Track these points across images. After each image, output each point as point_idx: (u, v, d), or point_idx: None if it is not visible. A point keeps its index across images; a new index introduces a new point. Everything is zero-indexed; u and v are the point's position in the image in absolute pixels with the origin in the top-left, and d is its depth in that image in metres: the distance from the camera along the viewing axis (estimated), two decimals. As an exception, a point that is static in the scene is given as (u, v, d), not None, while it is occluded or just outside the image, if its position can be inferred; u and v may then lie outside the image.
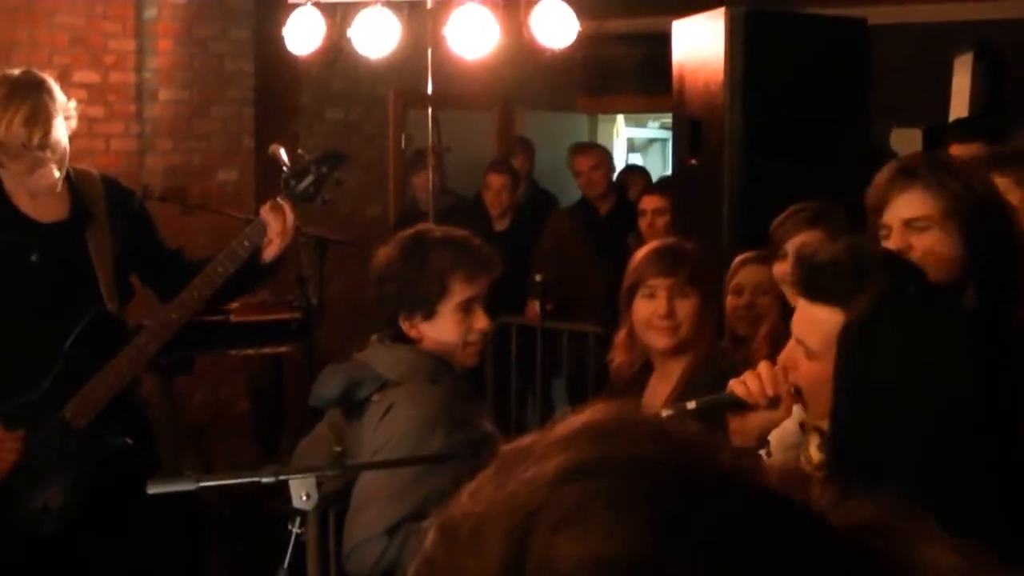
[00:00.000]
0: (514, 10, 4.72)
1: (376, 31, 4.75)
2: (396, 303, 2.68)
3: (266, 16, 6.03)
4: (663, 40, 5.06)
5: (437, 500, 2.34)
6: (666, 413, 2.21)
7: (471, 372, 2.85)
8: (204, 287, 3.11)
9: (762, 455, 2.08)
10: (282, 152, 3.24)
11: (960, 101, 6.20)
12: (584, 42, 5.00)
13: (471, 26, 4.63)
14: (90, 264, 3.11)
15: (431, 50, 4.89)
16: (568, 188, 7.01)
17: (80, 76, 5.75)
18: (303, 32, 4.90)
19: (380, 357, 2.68)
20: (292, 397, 5.44)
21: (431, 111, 5.22)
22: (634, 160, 10.46)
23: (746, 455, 0.67)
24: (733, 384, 2.15)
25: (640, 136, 11.32)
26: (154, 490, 2.26)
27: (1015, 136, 4.26)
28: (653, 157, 11.24)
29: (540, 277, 5.82)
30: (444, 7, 4.74)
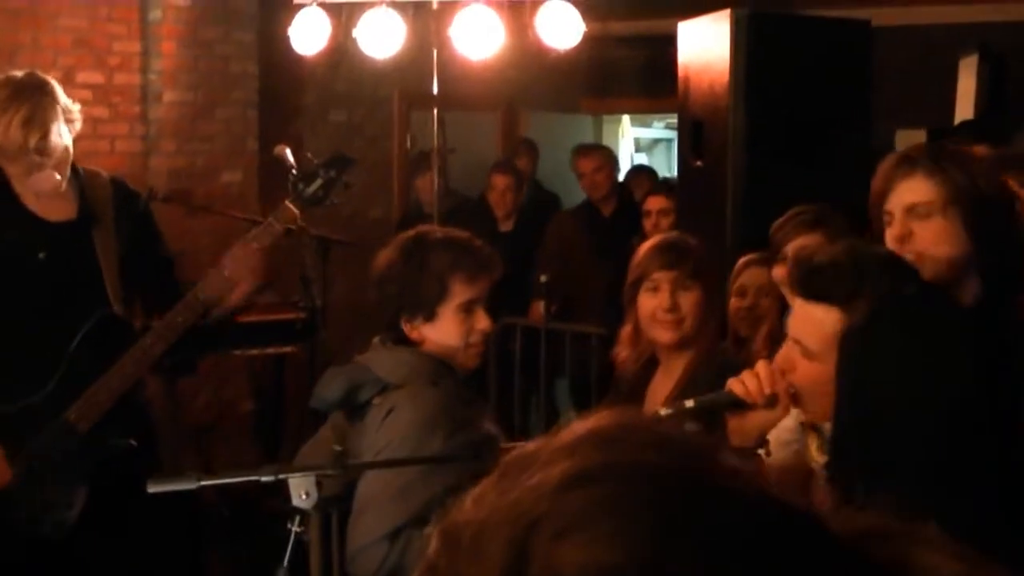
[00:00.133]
0: (519, 11, 4.72)
1: (381, 32, 4.74)
2: (397, 305, 2.67)
3: (270, 18, 6.03)
4: (667, 42, 5.06)
5: (439, 504, 2.35)
6: (664, 412, 2.21)
7: (474, 373, 2.84)
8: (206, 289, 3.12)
9: (761, 455, 2.08)
10: (288, 153, 3.23)
11: (965, 103, 6.21)
12: (588, 44, 5.00)
13: (476, 27, 4.62)
14: (97, 264, 3.12)
15: (436, 51, 4.89)
16: (572, 189, 7.00)
17: (84, 77, 5.75)
18: (309, 32, 4.90)
19: (381, 360, 2.66)
20: (293, 397, 5.44)
21: (436, 112, 5.21)
22: (639, 160, 10.46)
23: (748, 460, 0.68)
24: (731, 383, 2.15)
25: (645, 136, 11.32)
26: (154, 489, 2.26)
27: (1017, 138, 4.25)
28: (658, 157, 11.24)
29: (545, 278, 5.81)
30: (449, 8, 4.73)
